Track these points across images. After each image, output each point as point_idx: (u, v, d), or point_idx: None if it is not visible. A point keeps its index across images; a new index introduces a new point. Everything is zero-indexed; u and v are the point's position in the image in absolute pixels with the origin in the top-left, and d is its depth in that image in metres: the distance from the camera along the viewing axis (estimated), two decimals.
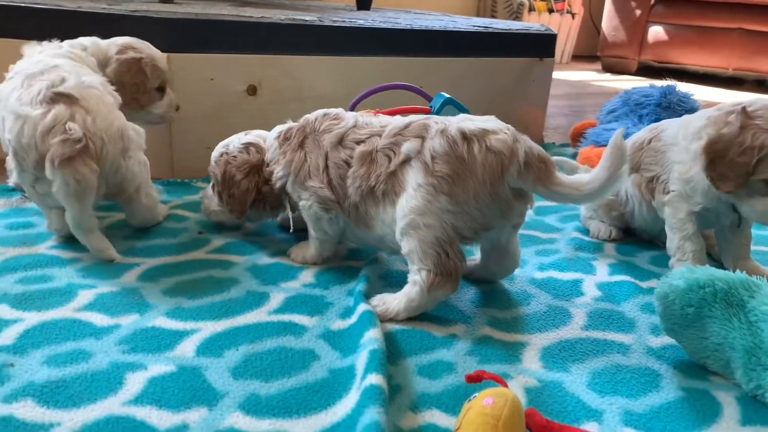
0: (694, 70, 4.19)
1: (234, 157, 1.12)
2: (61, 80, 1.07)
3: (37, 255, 1.08)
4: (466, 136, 0.91)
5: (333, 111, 1.09)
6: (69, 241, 1.10)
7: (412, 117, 1.00)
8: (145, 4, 1.69)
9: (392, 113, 1.29)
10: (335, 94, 1.67)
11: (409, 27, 1.77)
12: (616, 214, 1.27)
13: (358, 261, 1.12)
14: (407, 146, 0.94)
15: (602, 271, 1.13)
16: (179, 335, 0.86)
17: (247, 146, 1.12)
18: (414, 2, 4.42)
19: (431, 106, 1.28)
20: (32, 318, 0.88)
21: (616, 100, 1.88)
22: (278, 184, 1.10)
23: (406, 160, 0.94)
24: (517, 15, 4.56)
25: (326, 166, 1.03)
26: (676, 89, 1.76)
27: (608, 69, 4.55)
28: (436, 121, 0.96)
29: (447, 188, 0.90)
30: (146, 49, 1.30)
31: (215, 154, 1.16)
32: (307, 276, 1.06)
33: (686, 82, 3.85)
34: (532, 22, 3.29)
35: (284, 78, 1.60)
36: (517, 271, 1.08)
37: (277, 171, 1.09)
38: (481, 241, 0.98)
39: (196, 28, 1.47)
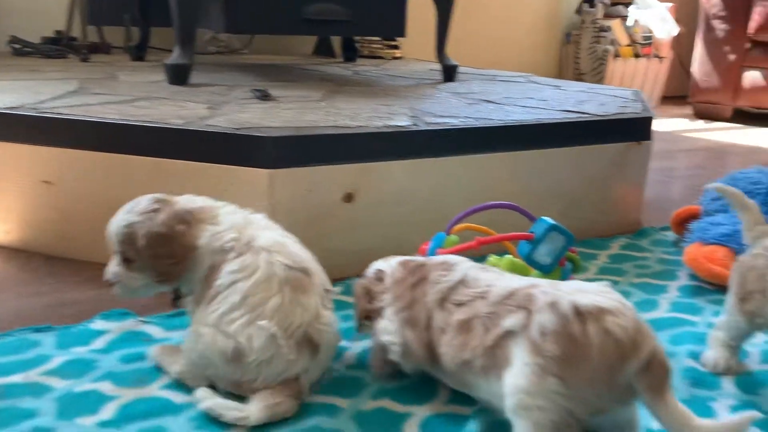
0: None
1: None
2: None
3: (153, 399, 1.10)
4: (580, 313, 0.85)
5: (451, 259, 1.06)
6: None
7: (516, 283, 0.96)
8: (246, 111, 1.74)
9: (493, 241, 1.27)
10: (430, 194, 1.67)
11: (501, 123, 1.76)
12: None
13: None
14: (510, 321, 0.90)
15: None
16: None
17: (376, 274, 1.12)
18: (494, 57, 4.40)
19: (533, 232, 1.24)
20: None
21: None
22: (377, 304, 1.07)
23: (508, 335, 0.89)
24: (601, 62, 4.46)
25: (427, 326, 0.99)
26: None
27: (700, 115, 4.37)
28: (543, 291, 0.90)
29: (557, 370, 0.84)
30: None
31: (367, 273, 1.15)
32: None
33: None
34: (626, 88, 3.22)
35: (380, 183, 1.61)
36: None
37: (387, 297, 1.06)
38: (599, 420, 0.92)
39: (296, 144, 1.51)
